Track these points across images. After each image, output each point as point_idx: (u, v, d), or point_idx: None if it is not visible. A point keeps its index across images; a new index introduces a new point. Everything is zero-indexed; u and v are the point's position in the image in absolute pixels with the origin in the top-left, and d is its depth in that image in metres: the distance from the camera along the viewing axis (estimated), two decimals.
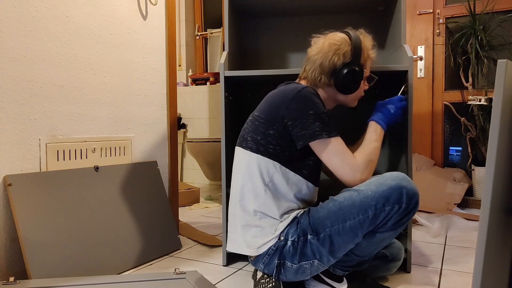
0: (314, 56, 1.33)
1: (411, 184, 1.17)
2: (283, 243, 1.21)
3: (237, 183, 1.31)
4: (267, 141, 1.24)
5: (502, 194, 0.75)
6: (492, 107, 0.70)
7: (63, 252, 1.39)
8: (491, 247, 0.70)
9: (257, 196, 1.25)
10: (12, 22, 1.38)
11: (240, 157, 1.31)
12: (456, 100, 2.94)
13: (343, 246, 1.19)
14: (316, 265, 1.21)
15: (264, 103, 1.31)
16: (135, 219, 1.68)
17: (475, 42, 2.71)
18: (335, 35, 1.33)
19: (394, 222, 1.17)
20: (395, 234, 1.22)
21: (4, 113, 1.37)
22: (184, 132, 3.76)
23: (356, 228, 1.17)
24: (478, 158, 2.86)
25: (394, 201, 1.14)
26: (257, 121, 1.27)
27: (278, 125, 1.23)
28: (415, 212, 1.20)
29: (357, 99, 1.40)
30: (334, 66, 1.29)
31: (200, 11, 4.22)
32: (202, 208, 2.77)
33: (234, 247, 1.31)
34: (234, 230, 1.32)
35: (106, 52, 1.72)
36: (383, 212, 1.15)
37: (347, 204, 1.18)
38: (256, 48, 1.95)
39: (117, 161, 1.75)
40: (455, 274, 1.49)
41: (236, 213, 1.30)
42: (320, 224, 1.19)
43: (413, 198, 1.16)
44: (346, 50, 1.28)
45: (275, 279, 1.26)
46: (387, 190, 1.15)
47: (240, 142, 1.33)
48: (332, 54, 1.29)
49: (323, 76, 1.31)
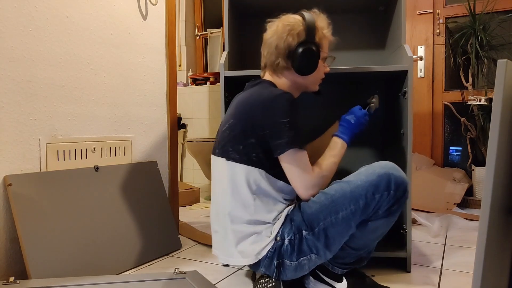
0: (269, 39, 1.31)
1: (399, 172, 1.20)
2: (280, 243, 1.21)
3: (222, 195, 1.28)
4: (249, 150, 1.22)
5: (502, 194, 0.75)
6: (492, 107, 0.70)
7: (63, 252, 1.39)
8: (491, 247, 0.70)
9: (247, 206, 1.23)
10: (12, 22, 1.38)
11: (222, 168, 1.27)
12: (456, 100, 2.94)
13: (337, 238, 1.20)
14: (314, 259, 1.22)
15: (238, 109, 1.27)
16: (135, 219, 1.68)
17: (475, 42, 2.71)
18: (289, 17, 1.32)
19: (384, 209, 1.19)
20: (387, 224, 1.24)
21: (4, 113, 1.37)
22: (184, 132, 3.76)
23: (349, 219, 1.18)
24: (478, 158, 2.86)
25: (383, 189, 1.17)
26: (234, 130, 1.24)
27: (257, 134, 1.21)
28: (405, 201, 1.22)
29: (317, 82, 1.38)
30: (289, 47, 1.27)
31: (200, 11, 4.22)
32: (202, 208, 2.77)
33: (230, 260, 1.28)
34: (226, 242, 1.28)
35: (106, 52, 1.72)
36: (373, 200, 1.17)
37: (338, 196, 1.19)
38: (256, 48, 1.94)
39: (117, 161, 1.75)
40: (455, 274, 1.49)
41: (226, 226, 1.27)
42: (313, 219, 1.20)
43: (401, 185, 1.18)
44: (300, 29, 1.27)
45: (275, 279, 1.26)
46: (376, 178, 1.18)
47: (220, 152, 1.29)
48: (286, 34, 1.27)
49: (280, 59, 1.29)
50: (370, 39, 1.87)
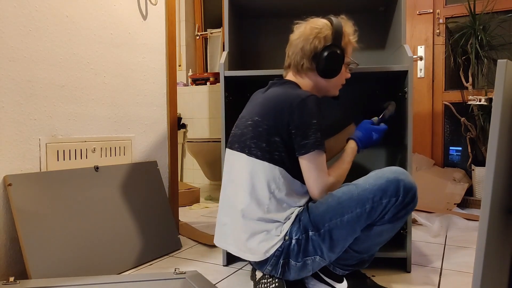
0: (295, 40, 1.34)
1: (408, 178, 1.19)
2: (288, 242, 1.21)
3: (236, 190, 1.28)
4: (272, 148, 1.23)
5: (502, 194, 0.75)
6: (492, 107, 0.70)
7: (63, 252, 1.39)
8: (491, 247, 0.70)
9: (261, 204, 1.23)
10: (12, 22, 1.38)
11: (241, 163, 1.28)
12: (456, 100, 2.93)
13: (342, 241, 1.20)
14: (317, 261, 1.22)
15: (263, 107, 1.28)
16: (135, 219, 1.68)
17: (475, 42, 2.71)
18: (317, 20, 1.34)
19: (391, 215, 1.18)
20: (392, 229, 1.23)
21: (4, 113, 1.37)
22: (184, 132, 3.76)
23: (354, 222, 1.18)
24: (478, 158, 2.86)
25: (391, 194, 1.16)
26: (260, 127, 1.25)
27: (283, 132, 1.22)
28: (413, 207, 1.21)
29: (338, 87, 1.40)
30: (315, 49, 1.30)
31: (200, 11, 4.22)
32: (202, 208, 2.77)
33: (238, 252, 1.28)
34: (236, 236, 1.28)
35: (106, 52, 1.73)
36: (380, 205, 1.17)
37: (345, 198, 1.19)
38: (256, 48, 1.95)
39: (117, 161, 1.75)
40: (455, 274, 1.49)
41: (237, 221, 1.27)
42: (320, 219, 1.20)
43: (410, 191, 1.17)
44: (327, 33, 1.29)
45: (278, 279, 1.25)
46: (385, 183, 1.17)
47: (240, 147, 1.29)
48: (313, 37, 1.30)
49: (305, 60, 1.32)
50: (370, 39, 1.87)
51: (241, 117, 1.35)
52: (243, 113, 1.37)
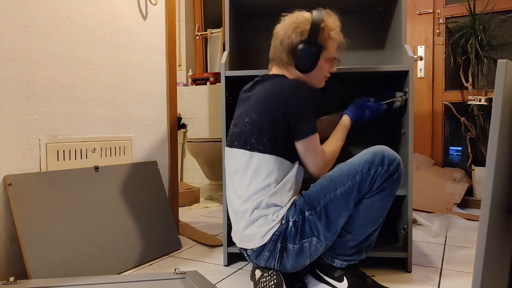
0: (277, 33, 1.36)
1: (391, 151, 1.27)
2: (285, 225, 1.25)
3: (242, 184, 1.31)
4: (273, 141, 1.26)
5: (502, 194, 0.75)
6: (492, 107, 0.70)
7: (63, 252, 1.39)
8: (491, 247, 0.70)
9: (260, 195, 1.27)
10: (12, 22, 1.38)
11: (243, 158, 1.30)
12: (456, 100, 2.93)
13: (337, 217, 1.24)
14: (314, 243, 1.25)
15: (259, 104, 1.30)
16: (135, 219, 1.68)
17: (475, 42, 2.71)
18: (299, 14, 1.35)
19: (379, 184, 1.24)
20: (382, 203, 1.26)
21: (4, 113, 1.37)
22: (184, 132, 3.76)
23: (347, 194, 1.23)
24: (478, 158, 2.86)
25: (377, 164, 1.24)
26: (258, 123, 1.28)
27: (282, 124, 1.26)
28: (398, 179, 1.26)
29: (321, 80, 1.40)
30: (291, 43, 1.31)
31: (200, 11, 4.22)
32: (202, 208, 2.77)
33: (240, 243, 1.34)
34: (237, 227, 1.34)
35: (106, 52, 1.72)
36: (368, 176, 1.23)
37: (337, 175, 1.26)
38: (256, 48, 1.95)
39: (117, 161, 1.75)
40: (455, 274, 1.49)
41: (238, 212, 1.32)
42: (315, 198, 1.25)
43: (394, 161, 1.25)
44: (304, 28, 1.30)
45: (277, 275, 1.27)
46: (371, 155, 1.25)
47: (241, 144, 1.31)
48: (291, 31, 1.31)
49: (283, 54, 1.34)
50: (370, 39, 1.87)
51: (238, 116, 1.37)
52: (238, 112, 1.40)
